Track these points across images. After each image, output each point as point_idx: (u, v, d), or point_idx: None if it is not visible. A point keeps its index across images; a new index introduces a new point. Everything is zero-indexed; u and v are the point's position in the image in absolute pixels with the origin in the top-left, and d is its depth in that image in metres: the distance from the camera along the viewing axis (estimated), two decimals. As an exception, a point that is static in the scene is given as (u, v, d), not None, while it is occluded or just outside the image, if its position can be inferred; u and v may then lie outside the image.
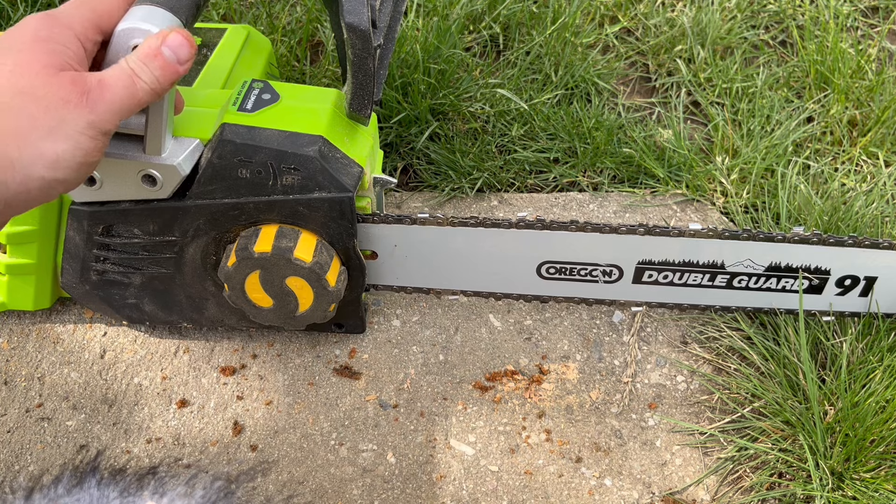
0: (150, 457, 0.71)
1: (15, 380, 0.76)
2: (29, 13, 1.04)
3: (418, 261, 0.73)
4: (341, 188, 0.63)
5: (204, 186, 0.64)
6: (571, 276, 0.74)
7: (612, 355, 0.79)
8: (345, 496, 0.69)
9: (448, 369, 0.78)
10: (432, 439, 0.73)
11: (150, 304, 0.74)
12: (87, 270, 0.71)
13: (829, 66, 1.02)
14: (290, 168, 0.62)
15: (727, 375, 0.77)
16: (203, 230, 0.67)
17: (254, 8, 1.09)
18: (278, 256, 0.64)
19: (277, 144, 0.62)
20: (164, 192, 0.63)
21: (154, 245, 0.68)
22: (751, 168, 0.91)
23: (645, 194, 0.93)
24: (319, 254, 0.65)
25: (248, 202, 0.64)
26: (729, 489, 0.70)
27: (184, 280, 0.71)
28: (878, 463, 0.68)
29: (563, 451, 0.72)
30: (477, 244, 0.71)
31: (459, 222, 0.69)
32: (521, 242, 0.71)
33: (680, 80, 1.05)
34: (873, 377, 0.71)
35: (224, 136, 0.62)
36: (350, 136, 0.66)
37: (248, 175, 0.63)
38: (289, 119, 0.63)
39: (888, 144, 0.96)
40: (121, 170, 0.62)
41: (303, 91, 0.67)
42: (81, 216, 0.67)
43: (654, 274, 0.73)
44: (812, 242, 0.69)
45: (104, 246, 0.69)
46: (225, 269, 0.66)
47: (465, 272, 0.75)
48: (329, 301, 0.68)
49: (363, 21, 0.56)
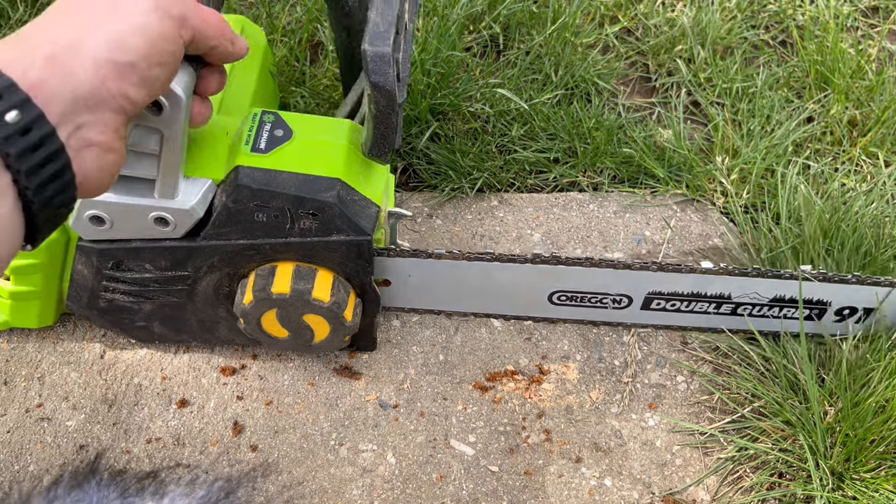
0: (150, 457, 0.71)
1: (15, 380, 0.76)
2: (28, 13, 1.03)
3: (431, 288, 0.75)
4: (359, 231, 0.62)
5: (218, 228, 0.62)
6: (581, 304, 0.76)
7: (612, 355, 0.79)
8: (345, 496, 0.69)
9: (448, 369, 0.78)
10: (432, 439, 0.73)
11: (160, 327, 0.73)
12: (96, 298, 0.69)
13: (829, 66, 1.02)
14: (307, 213, 0.61)
15: (727, 375, 0.77)
16: (217, 267, 0.65)
17: (253, 8, 1.09)
18: (296, 298, 0.64)
19: (295, 189, 0.60)
20: (176, 234, 0.62)
21: (166, 279, 0.67)
22: (751, 168, 0.91)
23: (645, 194, 0.93)
24: (337, 292, 0.65)
25: (265, 243, 0.63)
26: (729, 489, 0.70)
27: (195, 307, 0.70)
28: (878, 463, 0.68)
29: (563, 451, 0.72)
30: (491, 276, 0.73)
31: (475, 257, 0.70)
32: (535, 275, 0.73)
33: (680, 80, 1.05)
34: (873, 376, 0.71)
35: (240, 180, 0.60)
36: (365, 173, 0.65)
37: (265, 219, 0.61)
38: (304, 160, 0.61)
39: (888, 144, 0.96)
40: (131, 212, 0.60)
41: (315, 124, 0.65)
42: (90, 252, 0.65)
43: (662, 302, 0.75)
44: (818, 280, 0.71)
45: (113, 279, 0.67)
46: (241, 307, 0.66)
47: (478, 298, 0.77)
48: (345, 334, 0.68)
49: (389, 82, 0.54)
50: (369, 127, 0.60)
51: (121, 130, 0.42)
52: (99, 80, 0.39)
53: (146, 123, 0.52)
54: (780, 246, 0.84)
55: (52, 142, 0.37)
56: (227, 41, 0.49)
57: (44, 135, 0.36)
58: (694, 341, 0.80)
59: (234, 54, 0.50)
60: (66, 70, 0.38)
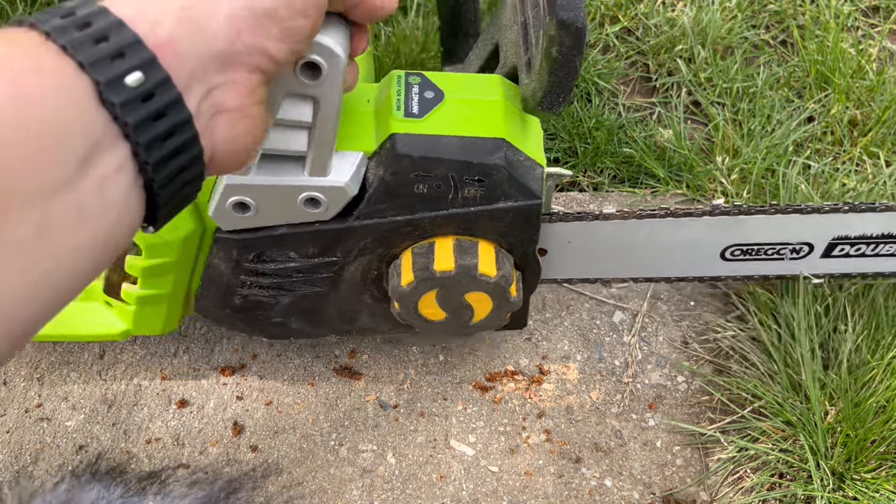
0: (150, 457, 0.71)
1: (14, 380, 0.76)
2: (28, 13, 1.03)
3: (590, 254, 0.69)
4: (529, 195, 0.57)
5: (374, 205, 0.57)
6: (756, 256, 0.70)
7: (613, 355, 0.79)
8: (344, 496, 0.69)
9: (448, 369, 0.78)
10: (432, 439, 0.73)
11: (297, 321, 0.68)
12: (231, 296, 0.65)
13: (829, 66, 1.02)
14: (473, 179, 0.56)
15: (728, 376, 0.77)
16: (369, 249, 0.60)
17: None
18: (462, 274, 0.59)
19: (459, 155, 0.55)
20: (327, 215, 0.57)
21: (311, 267, 0.62)
22: (751, 168, 0.91)
23: (645, 194, 0.93)
24: (502, 265, 0.60)
25: (424, 217, 0.57)
26: (729, 490, 0.70)
27: (338, 296, 0.65)
28: (878, 463, 0.68)
29: (563, 451, 0.72)
30: (661, 235, 0.67)
31: (647, 214, 0.65)
32: (711, 230, 0.67)
33: (680, 80, 1.05)
34: (873, 376, 0.71)
35: (398, 149, 0.54)
36: (523, 130, 0.59)
37: (425, 190, 0.56)
38: (463, 122, 0.56)
39: (889, 144, 0.96)
40: (279, 195, 0.55)
41: (465, 82, 0.59)
42: (230, 245, 0.60)
43: (846, 248, 0.69)
44: None
45: (253, 272, 0.62)
46: (399, 289, 0.60)
47: (640, 260, 0.71)
48: (508, 310, 0.63)
49: (580, 18, 0.49)
50: (541, 75, 0.53)
51: (257, 93, 0.36)
52: (234, 32, 0.34)
53: (298, 90, 0.46)
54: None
55: (179, 111, 0.32)
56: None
57: (169, 102, 0.31)
58: (694, 341, 0.80)
59: (383, 9, 0.44)
60: (200, 23, 0.33)
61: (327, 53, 0.44)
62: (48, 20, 0.30)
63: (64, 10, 0.30)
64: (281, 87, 0.46)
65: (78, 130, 0.28)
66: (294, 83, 0.46)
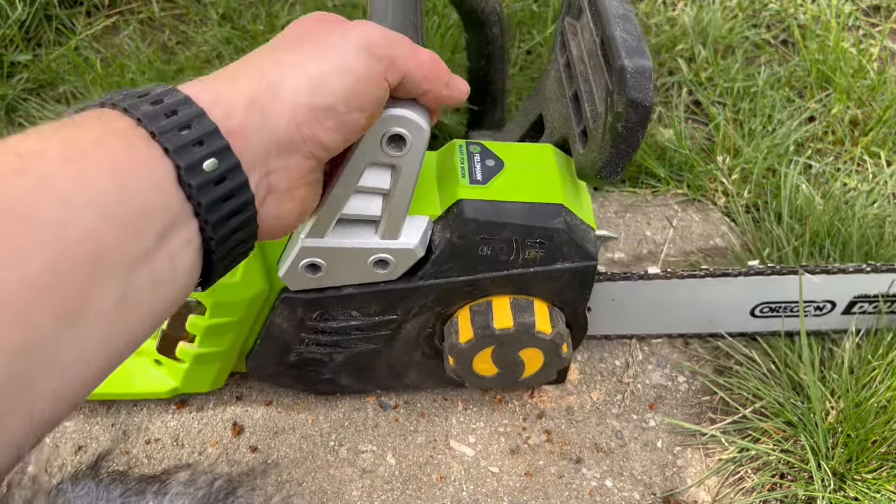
0: (150, 458, 0.71)
1: (14, 380, 0.76)
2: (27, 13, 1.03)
3: (632, 311, 0.73)
4: (586, 256, 0.60)
5: (439, 266, 0.60)
6: (783, 314, 0.74)
7: (613, 356, 0.79)
8: (344, 497, 0.69)
9: (448, 370, 0.77)
10: (432, 440, 0.73)
11: (346, 378, 0.71)
12: (287, 353, 0.67)
13: (830, 66, 1.02)
14: (534, 242, 0.59)
15: (728, 376, 0.76)
16: (429, 307, 0.63)
17: (253, 7, 1.09)
18: (520, 332, 0.61)
19: (522, 219, 0.58)
20: (393, 275, 0.59)
21: (371, 325, 0.64)
22: (752, 168, 0.91)
23: (646, 194, 0.93)
24: (556, 323, 0.63)
25: (485, 277, 0.60)
26: (730, 490, 0.70)
27: (391, 353, 0.68)
28: (879, 464, 0.67)
29: (563, 451, 0.72)
30: (699, 293, 0.71)
31: (688, 275, 0.69)
32: (744, 288, 0.71)
33: (681, 80, 1.05)
34: (875, 377, 0.70)
35: (466, 214, 0.57)
36: (577, 196, 0.62)
37: (489, 252, 0.59)
38: (523, 188, 0.59)
39: (890, 144, 0.96)
40: (351, 256, 0.57)
41: (521, 151, 0.62)
42: (296, 304, 0.62)
43: (864, 305, 0.74)
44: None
45: (314, 329, 0.64)
46: (458, 346, 0.62)
47: (674, 318, 0.76)
48: (558, 366, 0.66)
49: (649, 98, 0.52)
50: (603, 147, 0.56)
51: (308, 177, 0.40)
52: (294, 125, 0.38)
53: (382, 161, 0.50)
54: (783, 246, 0.83)
55: (244, 193, 0.36)
56: (441, 84, 0.46)
57: (237, 186, 0.35)
58: (695, 341, 0.80)
59: (450, 98, 0.47)
60: (266, 114, 0.36)
61: (414, 127, 0.48)
62: (139, 106, 0.33)
63: (152, 96, 0.34)
64: (365, 157, 0.49)
65: (159, 207, 0.32)
66: (378, 154, 0.49)
